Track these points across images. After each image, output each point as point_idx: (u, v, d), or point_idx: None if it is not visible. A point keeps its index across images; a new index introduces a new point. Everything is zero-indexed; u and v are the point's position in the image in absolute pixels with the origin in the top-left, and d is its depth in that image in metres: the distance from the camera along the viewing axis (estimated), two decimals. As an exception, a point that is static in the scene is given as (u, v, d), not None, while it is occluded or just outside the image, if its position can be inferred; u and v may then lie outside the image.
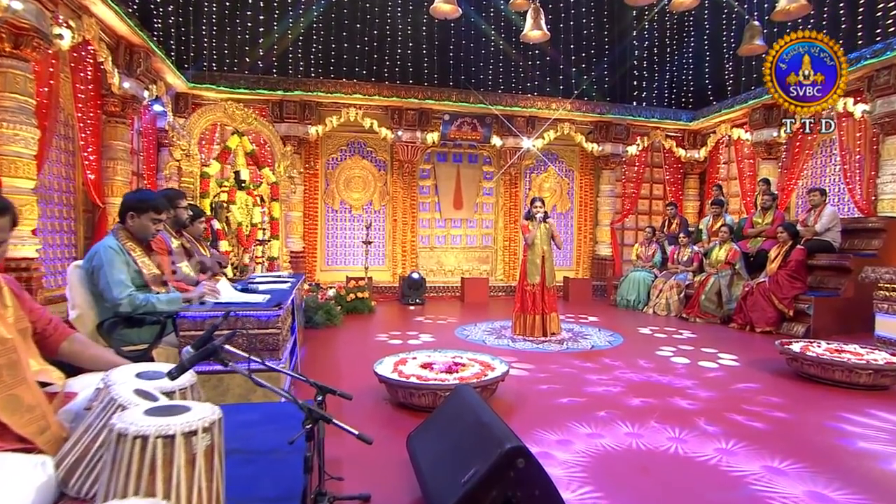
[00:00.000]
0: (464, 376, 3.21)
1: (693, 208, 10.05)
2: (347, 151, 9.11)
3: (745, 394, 3.61)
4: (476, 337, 5.60)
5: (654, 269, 8.01)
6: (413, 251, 9.33)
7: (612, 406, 3.31)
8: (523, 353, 4.90)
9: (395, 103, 8.57)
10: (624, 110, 9.39)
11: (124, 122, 6.02)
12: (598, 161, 9.73)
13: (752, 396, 3.54)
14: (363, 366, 3.89)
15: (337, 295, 7.05)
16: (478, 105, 8.75)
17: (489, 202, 9.75)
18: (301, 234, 8.73)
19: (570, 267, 10.06)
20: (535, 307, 5.60)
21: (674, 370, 4.26)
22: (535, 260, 5.62)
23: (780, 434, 2.89)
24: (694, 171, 9.98)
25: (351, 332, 5.76)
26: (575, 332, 6.00)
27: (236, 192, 6.88)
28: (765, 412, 3.20)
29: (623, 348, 5.19)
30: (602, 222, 9.81)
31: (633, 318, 7.18)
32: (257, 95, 8.07)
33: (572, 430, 2.90)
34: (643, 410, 3.24)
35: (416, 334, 5.67)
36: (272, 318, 2.72)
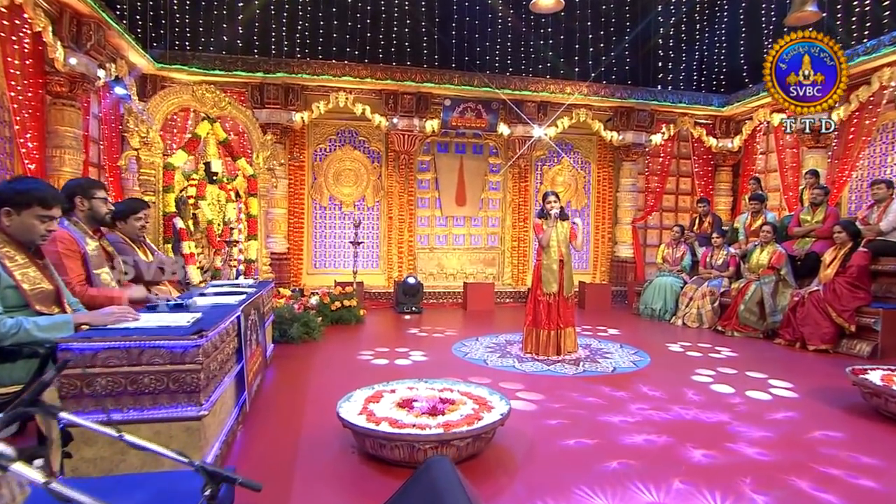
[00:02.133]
0: (450, 421, 2.58)
1: (725, 205, 9.37)
2: (337, 141, 8.52)
3: (811, 443, 2.94)
4: (476, 355, 4.97)
5: (683, 274, 7.34)
6: (410, 252, 8.74)
7: (637, 455, 2.66)
8: (532, 377, 4.26)
9: (389, 87, 7.97)
10: (647, 94, 8.73)
11: (73, 104, 5.45)
12: (618, 152, 9.09)
13: (822, 447, 2.88)
14: (336, 395, 3.29)
15: (320, 303, 6.46)
16: (483, 89, 8.14)
17: (496, 198, 9.13)
18: (285, 234, 8.16)
19: (586, 270, 9.41)
20: (549, 321, 4.97)
21: (716, 403, 3.60)
22: (552, 265, 4.99)
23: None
24: (726, 163, 9.30)
25: (331, 349, 5.16)
26: (593, 349, 5.35)
27: (206, 186, 6.33)
28: (844, 476, 2.52)
29: (650, 371, 4.53)
30: (622, 220, 9.15)
31: (660, 331, 6.51)
32: (234, 78, 7.50)
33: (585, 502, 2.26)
34: (678, 463, 2.59)
35: (407, 352, 5.05)
36: (190, 349, 2.12)
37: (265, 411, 3.28)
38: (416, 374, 4.29)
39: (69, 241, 2.69)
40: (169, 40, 7.34)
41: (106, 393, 2.03)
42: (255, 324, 3.46)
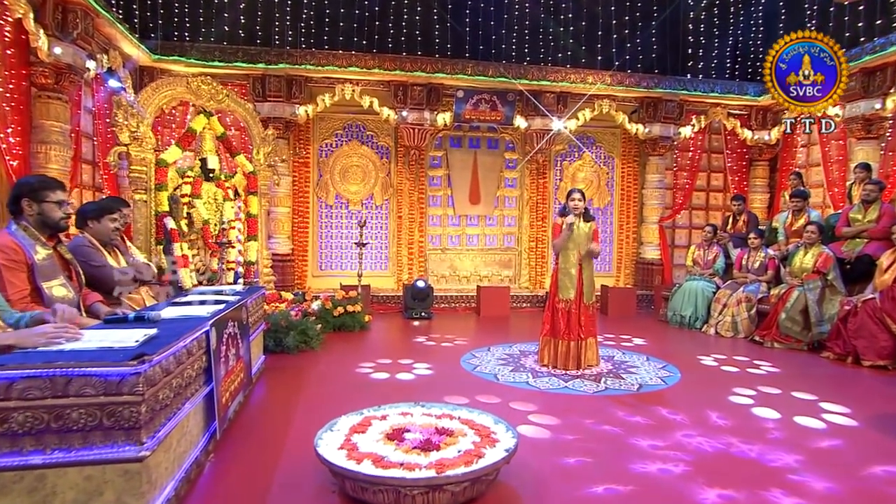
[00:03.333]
0: (445, 459, 2.22)
1: (761, 202, 8.83)
2: (344, 136, 8.23)
3: (882, 486, 2.51)
4: (487, 368, 4.60)
5: (716, 278, 6.86)
6: (421, 254, 8.41)
7: (673, 501, 2.28)
8: (547, 396, 3.88)
9: (399, 78, 7.64)
10: (676, 84, 8.24)
11: (59, 97, 5.23)
12: (643, 146, 8.62)
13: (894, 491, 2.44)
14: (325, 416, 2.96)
15: (321, 308, 6.16)
16: (498, 79, 7.75)
17: (512, 195, 8.74)
18: (288, 234, 7.90)
19: (608, 273, 8.96)
20: (568, 331, 4.59)
21: (760, 432, 3.18)
22: (570, 269, 4.62)
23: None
24: (762, 157, 8.76)
25: (329, 360, 4.85)
26: (616, 361, 4.94)
27: (202, 183, 6.08)
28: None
29: (681, 389, 4.11)
30: (648, 219, 8.68)
31: (691, 341, 6.06)
32: (235, 69, 7.25)
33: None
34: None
35: (411, 364, 4.71)
36: (128, 377, 1.80)
37: (242, 437, 2.96)
38: (419, 389, 3.95)
39: (12, 250, 2.40)
40: (166, 30, 7.10)
41: (24, 431, 1.72)
42: (234, 337, 3.16)
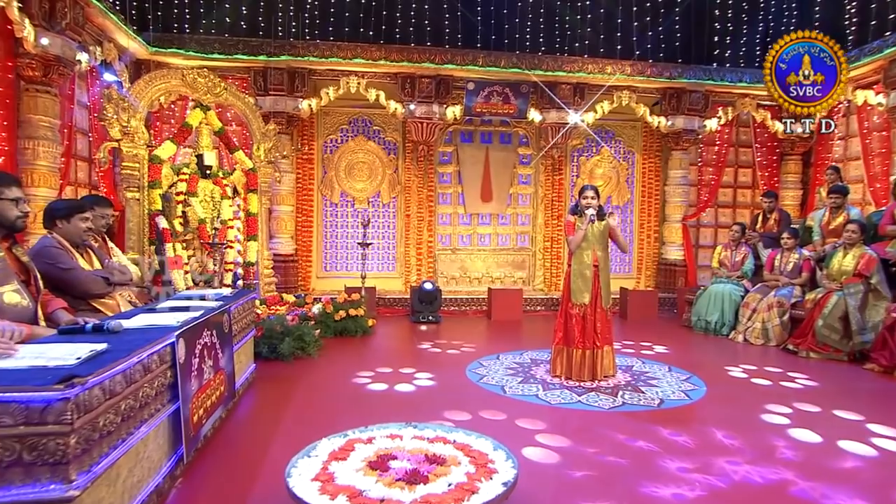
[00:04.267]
0: (432, 495, 1.95)
1: (793, 199, 8.40)
2: (349, 131, 8.01)
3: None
4: (494, 379, 4.32)
5: (745, 281, 6.48)
6: (430, 254, 8.15)
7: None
8: (557, 413, 3.58)
9: (406, 69, 7.38)
10: (701, 73, 7.85)
11: (48, 90, 5.08)
12: (666, 140, 8.25)
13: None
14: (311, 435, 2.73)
15: (322, 312, 5.93)
16: (511, 70, 7.46)
17: (526, 193, 8.44)
18: (292, 234, 7.70)
19: (628, 274, 8.61)
20: (583, 339, 4.29)
21: (799, 460, 2.84)
22: (584, 271, 4.31)
23: None
24: (795, 151, 8.32)
25: (325, 369, 4.60)
26: (635, 372, 4.62)
27: (198, 181, 5.91)
28: None
29: (708, 405, 3.78)
30: (671, 217, 8.30)
31: (717, 350, 5.70)
32: (235, 62, 7.06)
33: None
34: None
35: (412, 373, 4.45)
36: (54, 404, 1.56)
37: (217, 459, 2.72)
38: (418, 403, 3.69)
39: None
40: (164, 22, 6.94)
41: (-72, 468, 1.49)
42: (211, 347, 2.92)
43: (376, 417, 3.29)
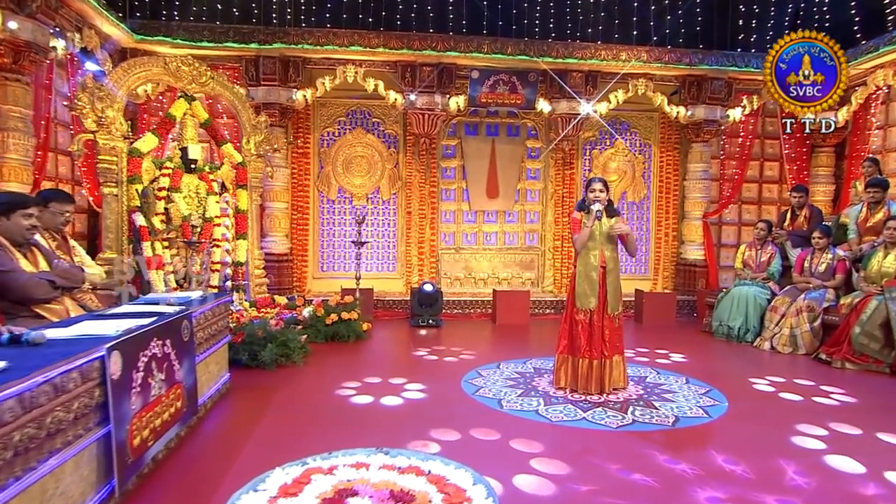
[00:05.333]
0: (391, 548, 1.64)
1: (824, 194, 7.99)
2: (347, 123, 7.75)
3: None
4: (491, 392, 4.00)
5: (771, 283, 6.08)
6: (433, 254, 7.87)
7: None
8: (558, 432, 3.26)
9: (406, 57, 7.09)
10: (724, 59, 7.46)
11: (19, 79, 4.88)
12: (685, 131, 7.88)
13: None
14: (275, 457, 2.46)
15: (312, 315, 5.66)
16: (518, 57, 7.15)
17: (535, 188, 8.11)
18: (286, 232, 7.47)
19: (644, 275, 8.24)
20: (589, 347, 3.96)
21: (839, 495, 2.48)
22: (591, 273, 3.98)
23: None
24: (827, 143, 7.90)
25: (309, 378, 4.33)
26: (649, 384, 4.27)
27: (182, 175, 5.67)
28: None
29: (729, 424, 3.42)
30: (691, 215, 7.92)
31: (740, 359, 5.32)
32: (226, 50, 6.84)
33: None
34: None
35: (402, 384, 4.15)
36: None
37: (163, 487, 2.44)
38: (402, 419, 3.39)
39: None
40: (150, 8, 6.72)
41: None
42: (163, 358, 2.64)
43: (353, 437, 3.01)
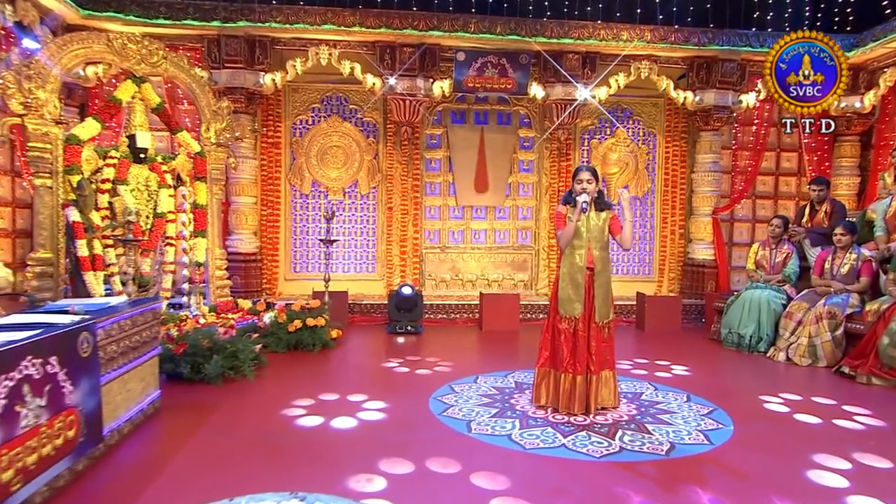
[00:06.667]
0: None
1: (848, 188, 7.63)
2: (322, 111, 7.41)
3: None
4: (462, 411, 3.64)
5: (787, 286, 5.73)
6: (416, 253, 7.54)
7: None
8: (531, 462, 2.90)
9: (384, 37, 6.73)
10: (737, 39, 7.06)
11: (-64, 57, 4.55)
12: (694, 119, 7.53)
13: None
14: (185, 499, 2.11)
15: (273, 321, 5.32)
16: (508, 37, 6.77)
17: (528, 182, 7.77)
18: (255, 229, 7.13)
19: (648, 277, 7.88)
20: (573, 361, 3.61)
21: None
22: (576, 275, 3.63)
23: None
24: (852, 131, 7.52)
25: (258, 395, 3.98)
26: (644, 402, 3.90)
27: (130, 166, 5.35)
28: None
29: (733, 453, 3.05)
30: (699, 210, 7.56)
31: (751, 372, 4.96)
32: (185, 28, 6.49)
33: None
34: None
35: (362, 402, 3.80)
36: None
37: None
38: (350, 447, 3.05)
39: None
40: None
41: None
42: (41, 382, 2.29)
43: (284, 469, 2.66)
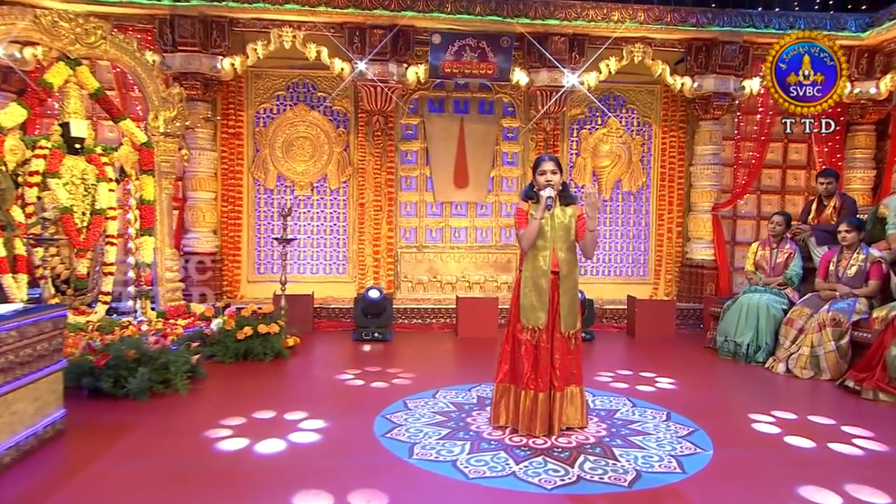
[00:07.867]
0: None
1: (862, 181, 7.40)
2: (287, 98, 7.21)
3: None
4: (408, 433, 3.38)
5: (789, 290, 5.49)
6: (390, 253, 7.35)
7: None
8: (471, 495, 2.63)
9: (353, 18, 6.49)
10: (739, 19, 6.85)
11: None
12: (692, 107, 7.33)
13: None
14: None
15: (221, 329, 5.07)
16: (488, 18, 6.54)
17: (512, 176, 7.59)
18: (214, 227, 6.92)
19: (643, 279, 7.69)
20: (535, 376, 3.37)
21: None
22: (539, 280, 3.40)
23: None
24: (866, 120, 7.30)
25: (184, 413, 3.72)
26: (617, 421, 3.63)
27: (63, 157, 5.12)
28: None
29: (707, 484, 2.78)
30: (698, 206, 7.37)
31: (745, 385, 4.71)
32: (133, 7, 6.24)
33: None
34: None
35: (297, 421, 3.54)
36: None
37: None
38: (270, 474, 2.80)
39: None
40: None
41: None
42: None
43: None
